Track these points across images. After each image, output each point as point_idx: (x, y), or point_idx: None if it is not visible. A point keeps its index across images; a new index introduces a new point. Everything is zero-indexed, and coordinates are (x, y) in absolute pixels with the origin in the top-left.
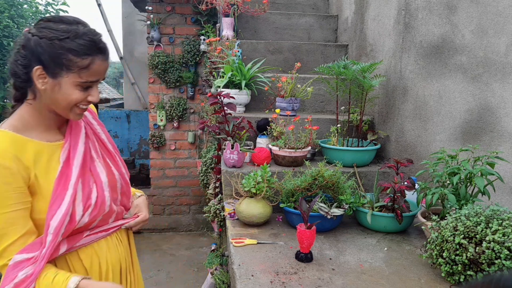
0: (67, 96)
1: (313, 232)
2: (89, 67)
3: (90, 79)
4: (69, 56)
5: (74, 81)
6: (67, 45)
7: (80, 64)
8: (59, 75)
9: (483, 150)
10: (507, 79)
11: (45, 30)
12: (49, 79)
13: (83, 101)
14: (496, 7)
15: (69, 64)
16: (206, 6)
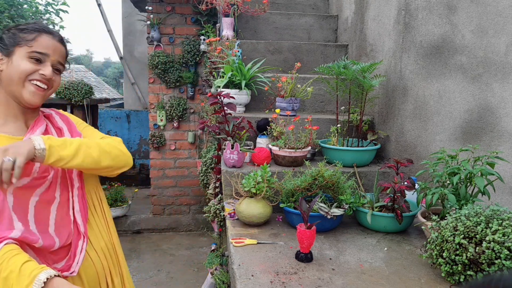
0: (18, 67)
1: (313, 232)
2: (35, 39)
3: (38, 50)
4: (19, 34)
5: (24, 53)
6: (19, 28)
7: (27, 38)
8: (12, 52)
9: (483, 150)
10: (507, 79)
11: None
12: (5, 59)
13: (34, 73)
14: (496, 7)
15: (19, 40)
16: (206, 6)
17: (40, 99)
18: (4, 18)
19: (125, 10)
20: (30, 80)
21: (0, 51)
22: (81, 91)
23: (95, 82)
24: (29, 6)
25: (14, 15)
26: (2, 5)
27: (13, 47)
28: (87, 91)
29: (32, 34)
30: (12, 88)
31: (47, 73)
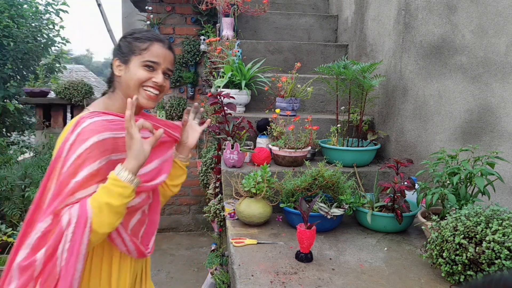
0: (134, 75)
1: (313, 232)
2: (148, 48)
3: (151, 59)
4: (134, 43)
5: (139, 62)
6: (132, 36)
7: (141, 47)
8: (129, 60)
9: (483, 150)
10: (507, 79)
11: (123, 36)
12: (123, 66)
13: (148, 80)
14: (496, 7)
15: (134, 49)
16: (206, 6)
17: (153, 103)
18: (4, 18)
19: (125, 10)
20: (144, 86)
21: (119, 59)
22: (81, 91)
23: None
24: (29, 6)
25: (14, 15)
26: (2, 5)
27: (129, 56)
28: (87, 91)
29: (145, 44)
30: (129, 93)
31: (159, 81)
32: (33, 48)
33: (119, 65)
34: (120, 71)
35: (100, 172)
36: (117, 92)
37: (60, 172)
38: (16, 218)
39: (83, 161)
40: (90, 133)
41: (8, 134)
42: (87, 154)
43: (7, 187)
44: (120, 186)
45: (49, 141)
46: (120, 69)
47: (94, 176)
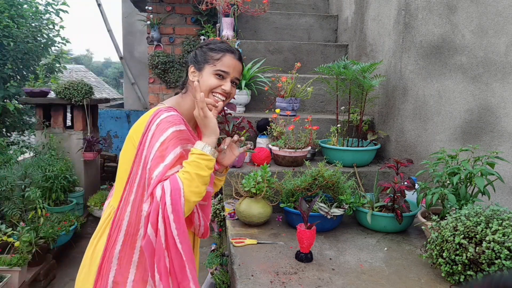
0: (206, 81)
1: (313, 232)
2: (220, 59)
3: (222, 69)
4: (209, 53)
5: (212, 70)
6: (207, 46)
7: (215, 57)
8: (203, 68)
9: (483, 150)
10: (507, 79)
11: (200, 44)
12: (197, 73)
13: (218, 88)
14: (496, 7)
15: (208, 58)
16: (206, 6)
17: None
18: (4, 18)
19: (125, 10)
20: (213, 92)
21: (194, 66)
22: (81, 91)
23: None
24: (29, 6)
25: (14, 15)
26: (2, 5)
27: (203, 64)
28: (87, 91)
29: (219, 54)
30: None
31: (227, 89)
32: (33, 48)
33: (193, 72)
34: (194, 77)
35: (182, 156)
36: (189, 94)
37: (145, 160)
38: (16, 218)
39: (167, 147)
40: (169, 124)
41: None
42: (169, 141)
43: (7, 187)
44: (206, 159)
45: (49, 141)
46: (194, 75)
47: (178, 159)
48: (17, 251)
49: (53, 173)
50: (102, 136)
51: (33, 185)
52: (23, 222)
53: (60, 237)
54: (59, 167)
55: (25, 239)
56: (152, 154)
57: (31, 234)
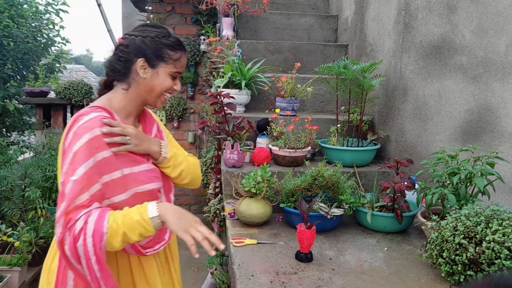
0: (162, 83)
1: (313, 232)
2: (179, 59)
3: (179, 70)
4: (166, 50)
5: (169, 71)
6: (165, 41)
7: (173, 57)
8: (157, 65)
9: (483, 150)
10: (507, 79)
11: (146, 31)
12: (149, 69)
13: (170, 89)
14: (496, 7)
15: (165, 56)
16: (206, 6)
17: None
18: (4, 18)
19: (125, 10)
20: (164, 93)
21: (146, 60)
22: (81, 91)
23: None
24: (29, 6)
25: (14, 15)
26: (2, 5)
27: (158, 61)
28: (87, 91)
29: (177, 54)
30: (148, 97)
31: (179, 89)
32: (33, 48)
33: (143, 66)
34: (145, 73)
35: (98, 168)
36: (132, 92)
37: (61, 171)
38: (16, 218)
39: (78, 159)
40: (85, 131)
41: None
42: (82, 152)
43: (7, 187)
44: (145, 228)
45: (49, 141)
46: (146, 72)
47: (92, 173)
48: (17, 251)
49: (53, 173)
50: None
51: (33, 185)
52: (23, 222)
53: None
54: None
55: (25, 239)
56: (65, 166)
57: (31, 234)
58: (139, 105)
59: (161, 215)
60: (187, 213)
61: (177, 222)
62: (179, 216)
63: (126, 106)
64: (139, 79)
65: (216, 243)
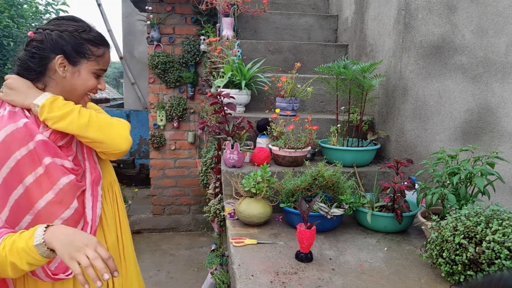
0: (85, 82)
1: (313, 232)
2: (103, 55)
3: (103, 67)
4: (88, 46)
5: (92, 69)
6: (85, 36)
7: (96, 53)
8: (79, 62)
9: (483, 150)
10: (507, 79)
11: (63, 25)
12: (69, 67)
13: (94, 88)
14: (496, 7)
15: (87, 53)
16: (206, 6)
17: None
18: (4, 18)
19: (125, 10)
20: (88, 92)
21: (66, 57)
22: None
23: None
24: (29, 6)
25: (14, 15)
26: (2, 5)
27: (81, 58)
28: None
29: (101, 50)
30: (71, 96)
31: (103, 87)
32: None
33: (63, 63)
34: (65, 71)
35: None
36: (49, 92)
37: None
38: None
39: None
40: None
41: None
42: None
43: None
44: (32, 257)
45: None
46: (66, 70)
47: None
48: None
49: None
50: None
51: None
52: None
53: None
54: None
55: None
56: None
57: None
58: None
59: (46, 242)
60: (79, 235)
61: (63, 248)
62: (67, 241)
63: None
64: (57, 78)
65: (108, 269)
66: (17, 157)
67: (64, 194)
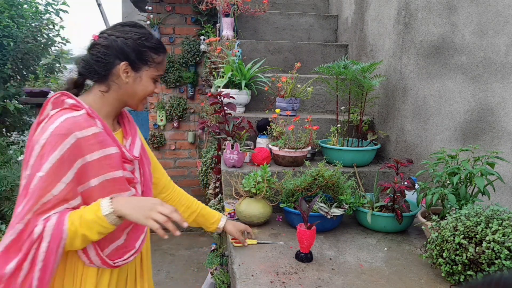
0: (146, 87)
1: (313, 232)
2: (162, 62)
3: (161, 73)
4: (149, 53)
5: (152, 75)
6: (148, 44)
7: (157, 60)
8: (141, 69)
9: (483, 150)
10: (507, 79)
11: (128, 32)
12: (132, 73)
13: (152, 92)
14: (496, 7)
15: (149, 60)
16: (206, 6)
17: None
18: (4, 18)
19: (125, 10)
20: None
21: (130, 63)
22: None
23: None
24: (29, 6)
25: (14, 15)
26: (2, 5)
27: (142, 65)
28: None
29: (160, 57)
30: (130, 100)
31: (159, 91)
32: (33, 48)
33: (126, 70)
34: (128, 77)
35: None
36: (111, 95)
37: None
38: None
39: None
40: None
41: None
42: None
43: (7, 187)
44: (103, 226)
45: None
46: (128, 76)
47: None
48: None
49: None
50: None
51: None
52: None
53: None
54: None
55: None
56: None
57: None
58: (118, 108)
59: (115, 210)
60: (142, 199)
61: (134, 212)
62: (135, 206)
63: (102, 108)
64: (120, 83)
65: (180, 221)
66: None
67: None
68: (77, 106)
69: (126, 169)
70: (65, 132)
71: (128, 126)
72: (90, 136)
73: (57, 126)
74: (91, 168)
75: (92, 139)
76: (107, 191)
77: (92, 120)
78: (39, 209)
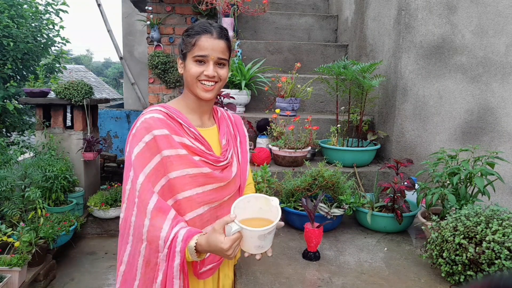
0: (189, 71)
1: (321, 231)
2: (195, 43)
3: (199, 53)
4: (186, 40)
5: (191, 58)
6: (186, 33)
7: (191, 42)
8: (185, 56)
9: (483, 150)
10: (507, 79)
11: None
12: (183, 63)
13: (201, 75)
14: (496, 7)
15: (187, 45)
16: (206, 6)
17: (211, 94)
18: (4, 18)
19: (125, 10)
20: (200, 80)
21: (180, 57)
22: (81, 91)
23: (95, 82)
24: (29, 6)
25: (14, 15)
26: (2, 5)
27: (185, 52)
28: (87, 91)
29: (193, 38)
30: (190, 88)
31: (210, 73)
32: (33, 48)
33: (181, 63)
34: (181, 69)
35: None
36: (185, 89)
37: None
38: (16, 218)
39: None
40: (144, 131)
41: (8, 134)
42: (142, 154)
43: (7, 187)
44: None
45: (49, 141)
46: (181, 67)
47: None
48: (17, 251)
49: (53, 173)
50: (102, 136)
51: (33, 185)
52: (23, 222)
53: (60, 237)
54: (59, 167)
55: (25, 239)
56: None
57: (31, 234)
58: (194, 100)
59: (197, 249)
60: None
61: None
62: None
63: (182, 102)
64: (183, 76)
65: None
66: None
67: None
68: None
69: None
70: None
71: (221, 125)
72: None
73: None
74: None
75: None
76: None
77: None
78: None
